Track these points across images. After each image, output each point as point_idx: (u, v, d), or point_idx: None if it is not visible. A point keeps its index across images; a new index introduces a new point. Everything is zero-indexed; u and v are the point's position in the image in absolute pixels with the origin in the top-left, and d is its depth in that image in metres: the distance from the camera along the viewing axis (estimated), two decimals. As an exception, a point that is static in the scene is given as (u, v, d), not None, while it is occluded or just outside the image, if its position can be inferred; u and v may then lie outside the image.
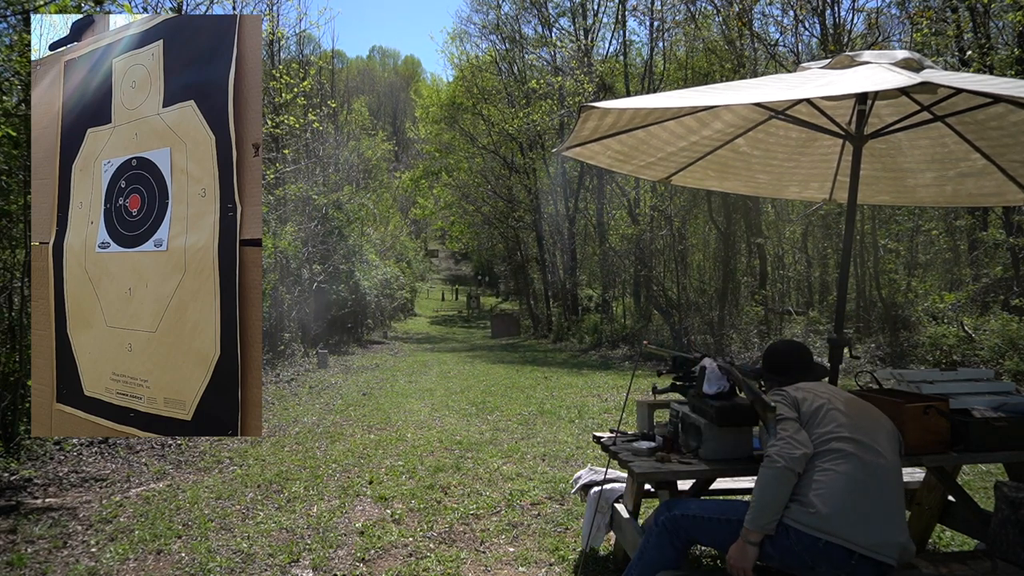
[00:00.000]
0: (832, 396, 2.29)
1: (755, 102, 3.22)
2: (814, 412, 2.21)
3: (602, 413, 7.42)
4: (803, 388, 2.32)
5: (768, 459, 2.11)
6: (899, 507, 2.11)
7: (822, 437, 2.15)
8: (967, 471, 4.79)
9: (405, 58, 79.95)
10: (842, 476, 2.06)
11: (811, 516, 2.03)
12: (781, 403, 2.26)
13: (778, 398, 2.29)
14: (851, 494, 2.04)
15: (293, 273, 14.23)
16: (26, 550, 3.60)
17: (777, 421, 2.22)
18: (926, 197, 3.91)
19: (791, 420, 2.19)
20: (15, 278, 5.48)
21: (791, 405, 2.25)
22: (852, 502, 2.03)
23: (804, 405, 2.24)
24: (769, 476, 2.09)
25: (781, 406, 2.25)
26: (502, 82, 23.63)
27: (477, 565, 3.36)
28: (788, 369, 2.54)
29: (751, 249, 15.70)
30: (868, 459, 2.10)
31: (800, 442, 2.11)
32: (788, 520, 2.07)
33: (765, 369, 2.61)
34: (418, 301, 37.23)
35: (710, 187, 4.24)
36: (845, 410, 2.22)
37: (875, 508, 2.05)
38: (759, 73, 14.18)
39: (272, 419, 7.43)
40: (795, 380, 2.46)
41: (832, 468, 2.08)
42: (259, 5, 14.74)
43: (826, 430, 2.16)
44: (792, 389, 2.33)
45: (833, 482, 2.05)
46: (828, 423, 2.18)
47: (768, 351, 2.64)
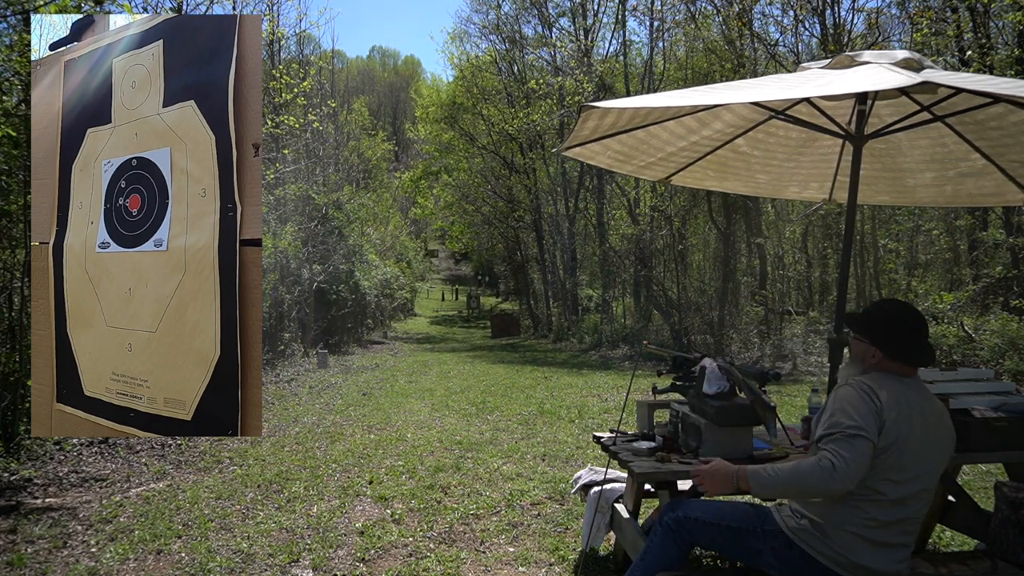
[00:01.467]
0: (913, 416, 1.96)
1: (755, 102, 3.23)
2: (889, 445, 1.92)
3: (602, 413, 7.42)
4: (893, 403, 1.94)
5: (830, 466, 1.85)
6: (919, 525, 2.04)
7: (880, 475, 1.93)
8: (967, 471, 4.79)
9: (405, 58, 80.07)
10: (879, 525, 1.96)
11: (833, 553, 1.98)
12: (868, 413, 1.91)
13: (866, 409, 1.92)
14: (879, 533, 1.96)
15: (293, 273, 14.23)
16: (26, 550, 3.60)
17: (855, 433, 1.88)
18: (926, 197, 3.90)
19: (869, 441, 1.88)
20: (15, 278, 5.48)
21: (875, 420, 1.91)
22: (875, 538, 1.96)
23: (886, 432, 1.91)
24: (815, 478, 1.87)
25: (866, 411, 1.91)
26: (502, 82, 23.63)
27: (477, 565, 3.36)
28: (903, 346, 2.06)
29: (751, 249, 15.69)
30: (911, 499, 1.96)
31: (858, 475, 1.87)
32: (806, 547, 2.01)
33: (870, 328, 2.11)
34: (418, 301, 37.23)
35: (710, 187, 4.24)
36: (920, 446, 1.95)
37: (896, 537, 1.98)
38: (759, 73, 14.18)
39: (272, 419, 7.43)
40: (899, 356, 2.06)
41: (873, 514, 1.95)
42: (259, 5, 14.75)
43: (886, 468, 1.93)
44: (884, 397, 1.94)
45: (866, 527, 1.95)
46: (890, 465, 1.93)
47: (885, 313, 2.15)
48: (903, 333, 2.07)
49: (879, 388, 1.96)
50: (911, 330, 2.07)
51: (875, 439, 1.89)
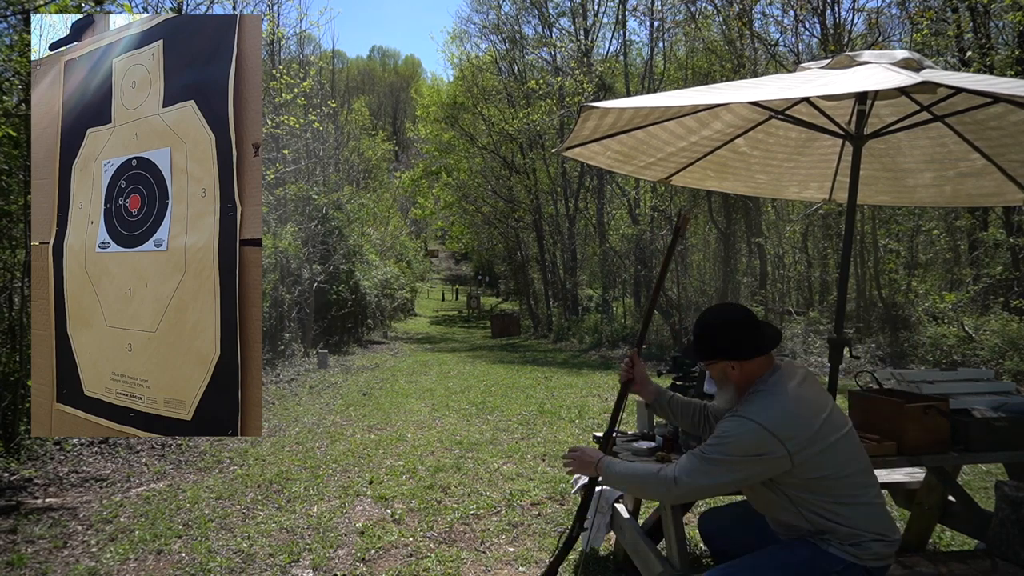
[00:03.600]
0: (819, 411, 1.87)
1: (755, 102, 3.23)
2: (819, 454, 1.81)
3: (602, 413, 7.42)
4: (791, 426, 1.80)
5: (672, 480, 1.84)
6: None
7: (841, 479, 1.85)
8: (967, 471, 4.79)
9: (405, 58, 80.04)
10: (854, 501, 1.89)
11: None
12: (753, 458, 1.79)
13: (752, 439, 1.79)
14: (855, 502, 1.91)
15: (293, 273, 14.23)
16: (26, 550, 3.60)
17: (717, 461, 1.80)
18: (926, 197, 3.90)
19: (726, 476, 1.81)
20: (15, 278, 5.48)
21: (772, 459, 1.78)
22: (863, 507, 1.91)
23: (795, 447, 1.78)
24: (652, 487, 1.89)
25: (754, 453, 1.79)
26: (502, 82, 23.63)
27: (477, 565, 3.36)
28: (748, 342, 1.97)
29: (751, 249, 15.70)
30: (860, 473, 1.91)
31: (690, 498, 1.89)
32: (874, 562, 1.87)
33: (711, 347, 2.00)
34: (418, 301, 37.23)
35: (710, 187, 4.24)
36: (849, 439, 1.89)
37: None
38: (759, 73, 14.18)
39: (272, 419, 7.43)
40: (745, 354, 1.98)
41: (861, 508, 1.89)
42: (259, 5, 14.75)
43: (837, 463, 1.84)
44: (784, 432, 1.78)
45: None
46: (834, 461, 1.84)
47: (711, 325, 2.03)
48: (739, 331, 1.97)
49: (779, 427, 1.80)
50: (743, 324, 1.99)
51: (745, 466, 1.81)
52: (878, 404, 2.63)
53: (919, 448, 2.50)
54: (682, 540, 2.48)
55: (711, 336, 2.00)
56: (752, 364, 1.95)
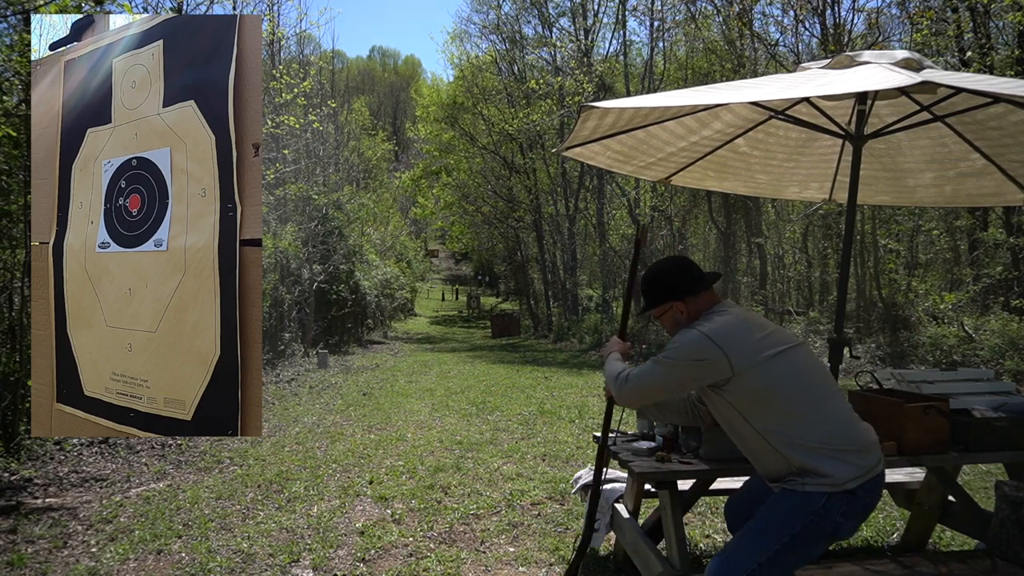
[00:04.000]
0: (758, 329, 2.01)
1: (755, 102, 3.23)
2: (760, 365, 1.93)
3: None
4: (731, 328, 1.98)
5: (624, 379, 2.08)
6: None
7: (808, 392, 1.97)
8: (967, 471, 4.79)
9: (405, 58, 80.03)
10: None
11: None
12: (698, 362, 1.97)
13: (707, 353, 1.95)
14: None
15: (293, 273, 14.23)
16: (26, 550, 3.60)
17: (662, 361, 2.00)
18: (926, 197, 3.90)
19: (674, 367, 1.99)
20: (15, 278, 5.48)
21: (712, 363, 1.95)
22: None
23: (741, 360, 1.94)
24: (611, 381, 2.14)
25: (701, 356, 1.96)
26: (502, 82, 23.63)
27: (477, 565, 3.36)
28: (687, 281, 2.14)
29: (751, 249, 15.70)
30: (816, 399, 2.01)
31: (637, 400, 2.12)
32: (856, 480, 1.91)
33: (655, 293, 2.19)
34: (418, 301, 37.23)
35: (710, 187, 4.24)
36: (792, 355, 2.00)
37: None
38: (759, 73, 14.18)
39: (272, 419, 7.43)
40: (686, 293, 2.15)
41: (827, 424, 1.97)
42: (259, 5, 14.75)
43: (793, 372, 1.96)
44: (720, 334, 1.96)
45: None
46: (789, 370, 1.96)
47: (651, 275, 2.22)
48: (673, 273, 2.16)
49: (719, 336, 1.96)
50: (677, 267, 2.18)
51: (696, 382, 2.03)
52: (878, 404, 2.63)
53: (919, 448, 2.50)
54: (682, 540, 2.48)
55: (651, 285, 2.20)
56: (697, 301, 2.12)
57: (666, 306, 2.15)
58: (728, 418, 2.06)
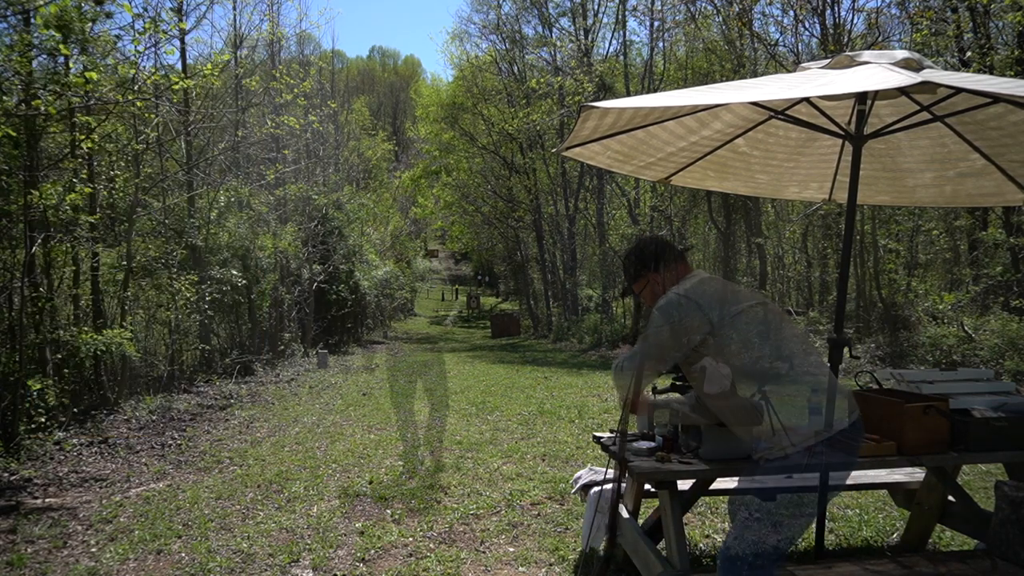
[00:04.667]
0: (727, 289, 2.28)
1: (755, 102, 3.23)
2: (733, 318, 2.17)
3: (602, 413, 7.42)
4: (703, 287, 2.22)
5: (618, 365, 2.27)
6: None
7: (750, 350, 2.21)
8: (967, 471, 4.79)
9: (405, 58, 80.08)
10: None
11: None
12: (700, 321, 2.17)
13: (697, 317, 2.16)
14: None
15: (293, 273, 14.23)
16: (26, 550, 3.60)
17: (638, 351, 2.22)
18: (926, 197, 3.90)
19: (658, 331, 2.18)
20: (15, 278, 5.46)
21: (691, 318, 2.16)
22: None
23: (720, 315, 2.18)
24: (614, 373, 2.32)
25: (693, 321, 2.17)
26: (502, 82, 23.63)
27: (477, 565, 3.36)
28: (659, 254, 2.36)
29: (751, 249, 15.70)
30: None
31: (623, 383, 2.27)
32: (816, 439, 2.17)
33: (634, 271, 2.40)
34: (418, 301, 37.24)
35: (710, 187, 4.23)
36: (754, 312, 2.23)
37: None
38: (759, 73, 14.18)
39: (272, 419, 7.44)
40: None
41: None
42: (259, 5, 14.74)
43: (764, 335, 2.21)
44: (695, 292, 2.20)
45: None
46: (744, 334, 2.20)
47: (629, 255, 2.45)
48: (645, 249, 2.36)
49: (695, 294, 2.19)
50: (648, 244, 2.38)
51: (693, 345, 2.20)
52: (878, 404, 2.63)
53: (919, 448, 2.50)
54: (682, 540, 2.48)
55: (627, 263, 2.41)
56: (671, 272, 2.31)
57: (643, 280, 2.34)
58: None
